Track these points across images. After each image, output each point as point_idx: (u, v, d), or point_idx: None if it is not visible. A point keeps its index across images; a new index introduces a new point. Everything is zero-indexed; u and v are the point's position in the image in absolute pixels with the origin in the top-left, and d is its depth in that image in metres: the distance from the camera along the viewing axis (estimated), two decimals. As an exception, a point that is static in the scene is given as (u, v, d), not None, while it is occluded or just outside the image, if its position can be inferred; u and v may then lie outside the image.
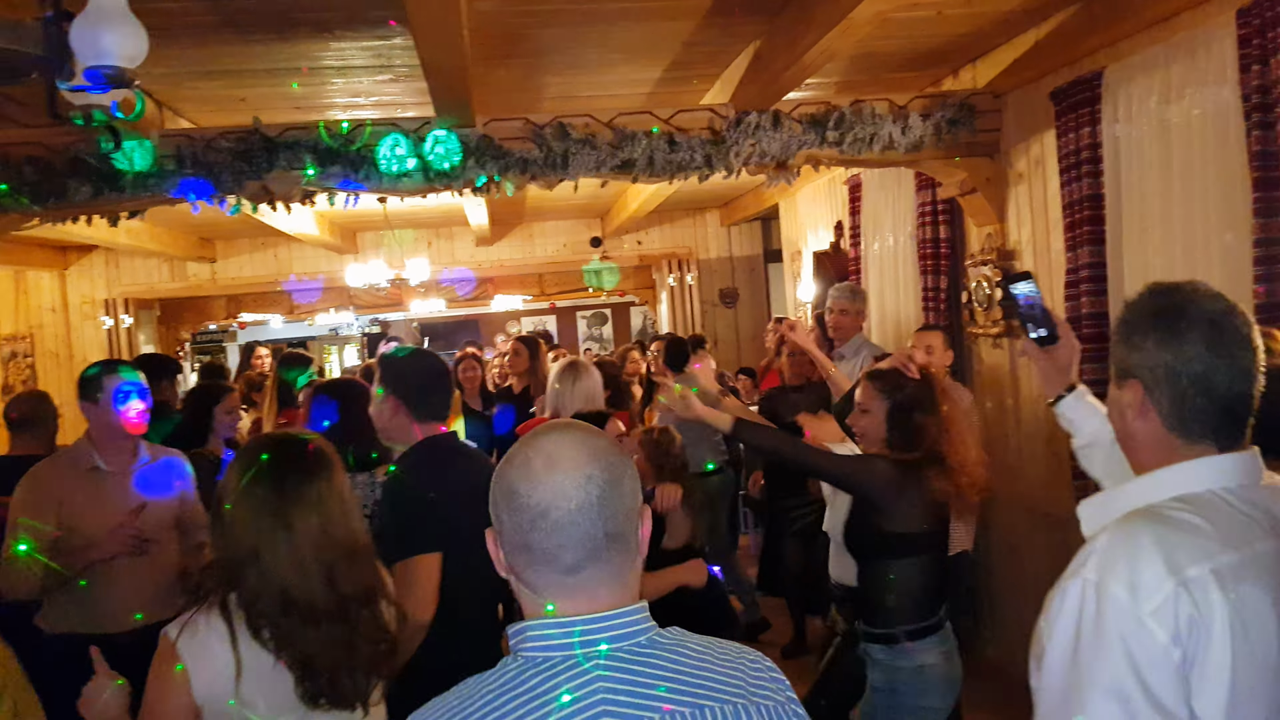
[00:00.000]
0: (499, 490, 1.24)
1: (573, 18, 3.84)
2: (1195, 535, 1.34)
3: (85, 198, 4.10)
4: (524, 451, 1.24)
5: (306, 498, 1.89)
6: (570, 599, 1.20)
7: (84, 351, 8.96)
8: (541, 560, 1.19)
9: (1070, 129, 3.95)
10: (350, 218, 8.54)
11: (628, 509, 1.23)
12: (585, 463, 1.21)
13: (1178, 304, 1.46)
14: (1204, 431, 1.43)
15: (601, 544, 1.20)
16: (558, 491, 1.19)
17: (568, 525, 1.18)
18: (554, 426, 1.29)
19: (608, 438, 1.29)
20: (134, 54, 1.68)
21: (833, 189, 7.18)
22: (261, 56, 3.97)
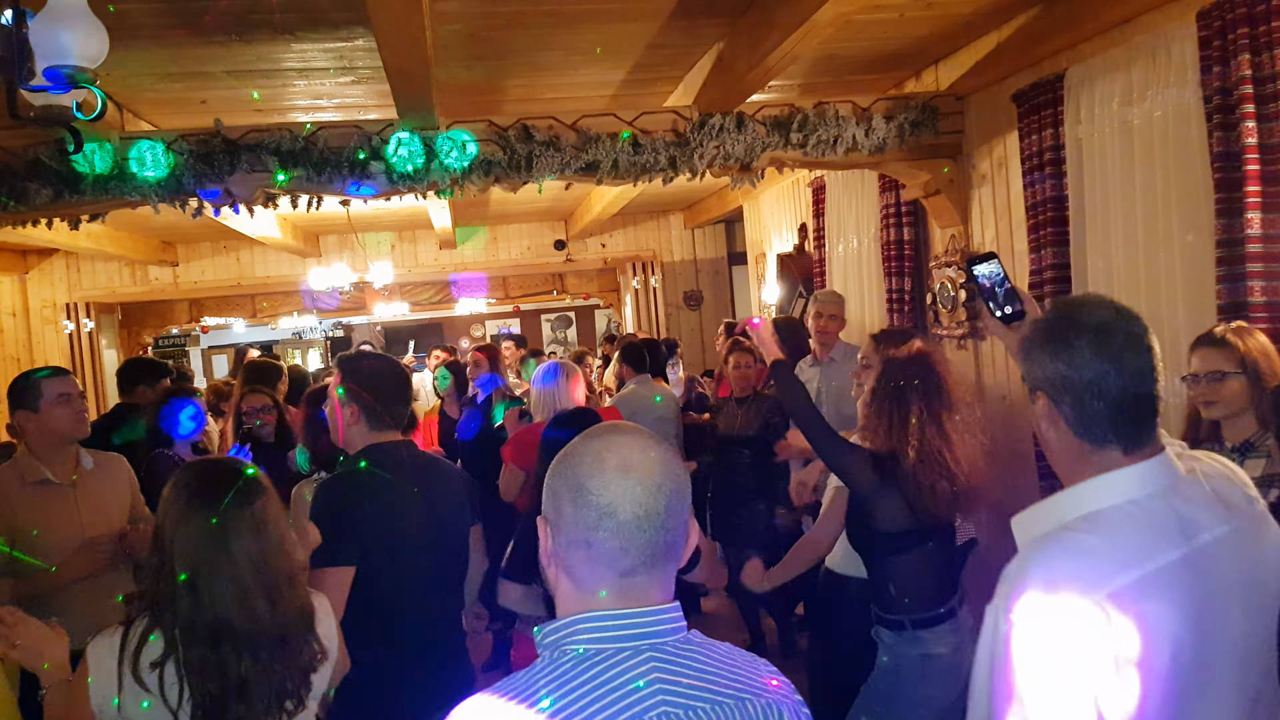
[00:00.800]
0: (563, 482, 1.26)
1: (535, 19, 3.83)
2: (1097, 560, 1.38)
3: (45, 201, 4.03)
4: (596, 449, 1.26)
5: (244, 523, 1.86)
6: (621, 598, 1.23)
7: (45, 356, 8.83)
8: (601, 558, 1.22)
9: (1033, 130, 4.00)
10: (313, 221, 8.46)
11: (684, 520, 1.27)
12: (658, 471, 1.25)
13: (1068, 315, 1.53)
14: (1106, 435, 1.48)
15: (660, 552, 1.24)
16: (629, 496, 1.22)
17: (634, 530, 1.22)
18: (623, 429, 1.32)
19: (671, 448, 1.31)
20: (94, 53, 1.64)
21: (797, 191, 7.22)
22: (222, 58, 3.91)
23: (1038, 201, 3.99)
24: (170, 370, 5.61)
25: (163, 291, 9.64)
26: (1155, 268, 3.46)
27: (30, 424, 3.24)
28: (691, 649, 1.24)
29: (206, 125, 4.22)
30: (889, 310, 5.32)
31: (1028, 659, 1.34)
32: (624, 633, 1.20)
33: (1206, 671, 1.40)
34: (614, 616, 1.21)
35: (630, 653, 1.19)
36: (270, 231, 7.57)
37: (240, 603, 1.82)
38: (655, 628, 1.22)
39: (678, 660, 1.21)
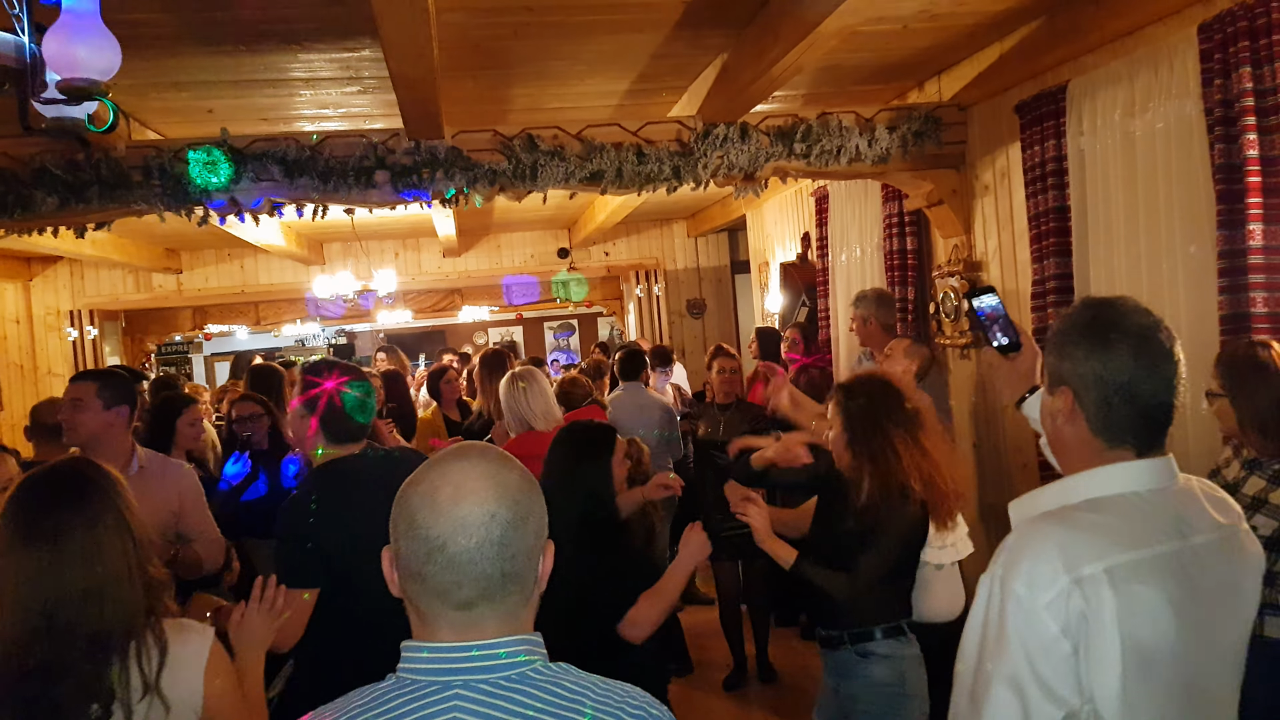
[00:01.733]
0: (399, 513, 1.23)
1: (540, 30, 3.85)
2: (1096, 536, 1.43)
3: (52, 209, 4.05)
4: (430, 478, 1.22)
5: (40, 532, 1.72)
6: (457, 632, 1.20)
7: (49, 363, 8.86)
8: (434, 593, 1.19)
9: (1035, 141, 4.02)
10: (317, 228, 8.48)
11: (529, 548, 1.23)
12: (491, 499, 1.20)
13: (1109, 317, 1.55)
14: (1125, 436, 1.52)
15: (497, 583, 1.20)
16: (459, 527, 1.18)
17: (465, 563, 1.18)
18: (466, 453, 1.26)
19: (521, 471, 1.27)
20: (107, 66, 1.66)
21: (800, 200, 7.23)
22: (229, 68, 3.93)
23: (1040, 212, 4.01)
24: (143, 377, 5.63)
25: (166, 299, 9.67)
26: (1157, 278, 3.46)
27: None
28: (520, 688, 1.18)
29: (212, 134, 4.25)
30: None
31: (1021, 623, 1.39)
32: (436, 666, 1.18)
33: (1187, 665, 1.44)
34: (435, 649, 1.19)
35: (438, 688, 1.17)
36: (274, 239, 7.59)
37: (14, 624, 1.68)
38: (475, 664, 1.18)
39: (489, 698, 1.16)
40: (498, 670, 1.18)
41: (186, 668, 1.77)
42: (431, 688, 1.16)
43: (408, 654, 1.21)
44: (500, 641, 1.19)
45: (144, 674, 1.72)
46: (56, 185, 4.04)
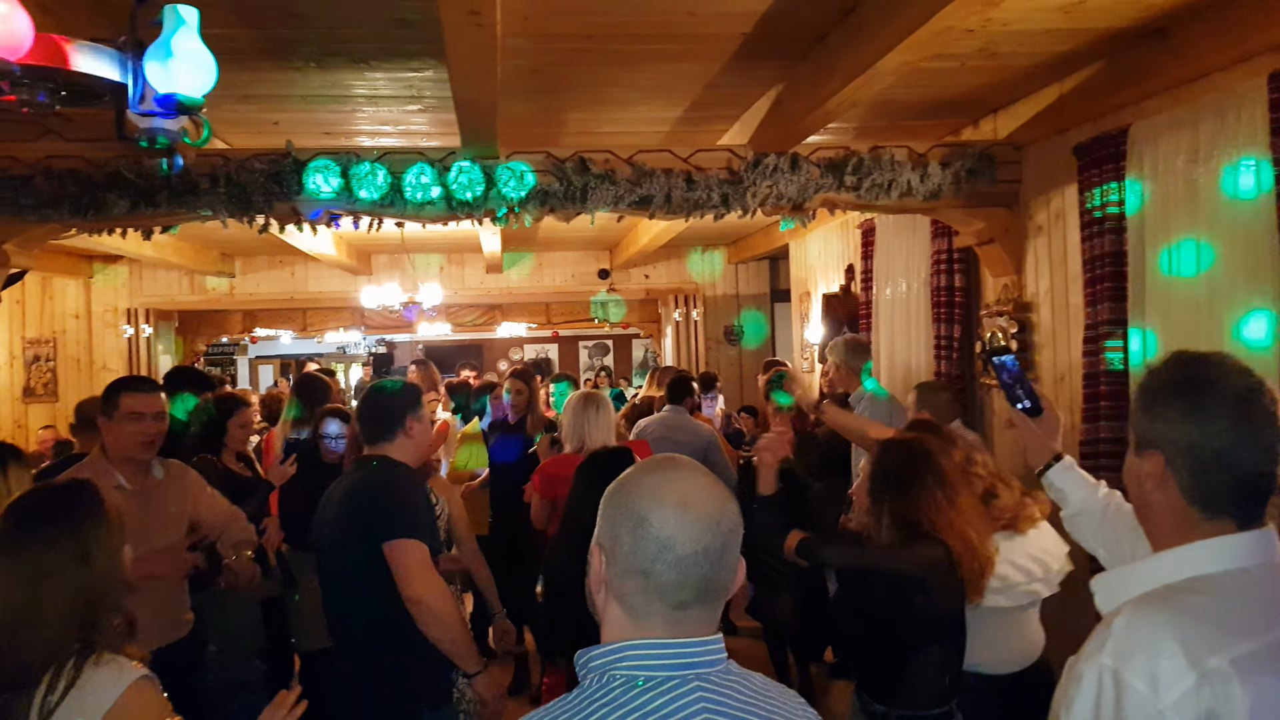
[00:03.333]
0: (622, 513, 1.28)
1: (599, 57, 3.91)
2: (1212, 623, 1.31)
3: (123, 211, 4.19)
4: (655, 482, 1.29)
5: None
6: (669, 628, 1.26)
7: (104, 358, 9.08)
8: (656, 590, 1.25)
9: (1093, 184, 4.00)
10: (366, 240, 8.60)
11: (735, 559, 1.30)
12: (717, 509, 1.28)
13: (1205, 376, 1.43)
14: (1224, 507, 1.39)
15: (712, 588, 1.27)
16: (689, 531, 1.25)
17: (690, 565, 1.24)
18: (678, 463, 1.34)
19: (727, 488, 1.33)
20: (204, 82, 1.73)
21: (845, 232, 7.24)
22: (298, 83, 4.03)
23: (1096, 255, 3.98)
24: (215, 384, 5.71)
25: (219, 301, 9.87)
26: (1216, 330, 3.42)
27: (105, 431, 3.33)
28: (733, 679, 1.26)
29: (277, 146, 4.36)
30: (936, 357, 5.31)
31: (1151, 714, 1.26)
32: (673, 662, 1.23)
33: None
34: (664, 645, 1.24)
35: (678, 681, 1.22)
36: (325, 248, 7.73)
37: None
38: (702, 658, 1.25)
39: (721, 690, 1.24)
40: (717, 665, 1.26)
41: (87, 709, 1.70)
42: (673, 681, 1.21)
43: (633, 652, 1.23)
44: (710, 639, 1.27)
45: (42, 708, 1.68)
46: (128, 189, 4.18)
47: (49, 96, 1.78)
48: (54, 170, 4.20)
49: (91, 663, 1.72)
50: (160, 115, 1.75)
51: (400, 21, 3.33)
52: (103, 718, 1.69)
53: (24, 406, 8.89)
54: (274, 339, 14.52)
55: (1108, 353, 3.90)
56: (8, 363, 8.81)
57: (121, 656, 1.78)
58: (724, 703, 1.23)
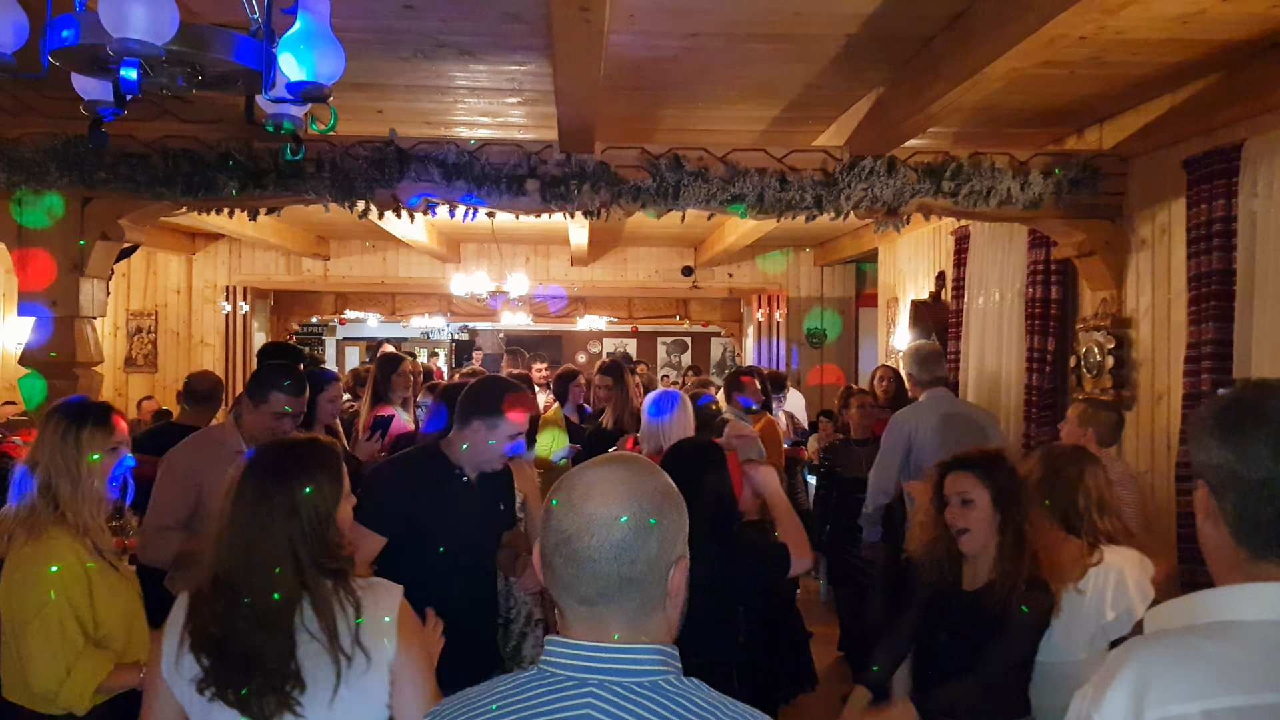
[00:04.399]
0: (544, 509, 1.31)
1: (703, 56, 3.92)
2: (1207, 670, 1.22)
3: (232, 192, 4.37)
4: (572, 476, 1.30)
5: (272, 496, 1.90)
6: (586, 627, 1.26)
7: (202, 333, 9.45)
8: (561, 584, 1.26)
9: (1203, 199, 3.88)
10: (457, 228, 8.78)
11: (652, 558, 1.25)
12: (620, 503, 1.24)
13: (1250, 401, 1.33)
14: (1269, 545, 1.27)
15: (615, 585, 1.24)
16: (583, 525, 1.23)
17: (585, 559, 1.23)
18: (610, 459, 1.34)
19: (663, 484, 1.30)
20: (333, 72, 1.80)
21: (937, 238, 7.13)
22: (404, 73, 4.14)
23: (1202, 273, 3.86)
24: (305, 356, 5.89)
25: (313, 283, 10.18)
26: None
27: (247, 411, 3.48)
28: (653, 696, 1.20)
29: (381, 133, 4.48)
30: (1028, 370, 5.20)
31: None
32: (574, 662, 1.23)
33: None
34: (573, 645, 1.24)
35: (575, 684, 1.21)
36: (417, 235, 7.90)
37: (238, 567, 1.84)
38: (609, 664, 1.21)
39: (623, 703, 1.19)
40: (630, 675, 1.21)
41: (380, 622, 1.90)
42: (569, 683, 1.21)
43: (550, 647, 1.26)
44: (634, 647, 1.23)
45: (346, 629, 1.86)
46: (238, 171, 4.34)
47: (186, 80, 1.87)
48: (169, 149, 4.39)
49: (359, 586, 1.92)
50: (289, 102, 1.83)
51: (510, 15, 3.40)
52: (396, 618, 1.92)
53: (125, 376, 9.29)
54: (361, 321, 14.89)
55: (1210, 373, 3.78)
56: (111, 333, 9.20)
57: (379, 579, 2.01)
58: (613, 714, 1.18)
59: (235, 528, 1.87)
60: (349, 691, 1.84)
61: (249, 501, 1.88)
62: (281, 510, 1.88)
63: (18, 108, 4.41)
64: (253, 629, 1.81)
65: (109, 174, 4.37)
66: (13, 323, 8.04)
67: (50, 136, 4.39)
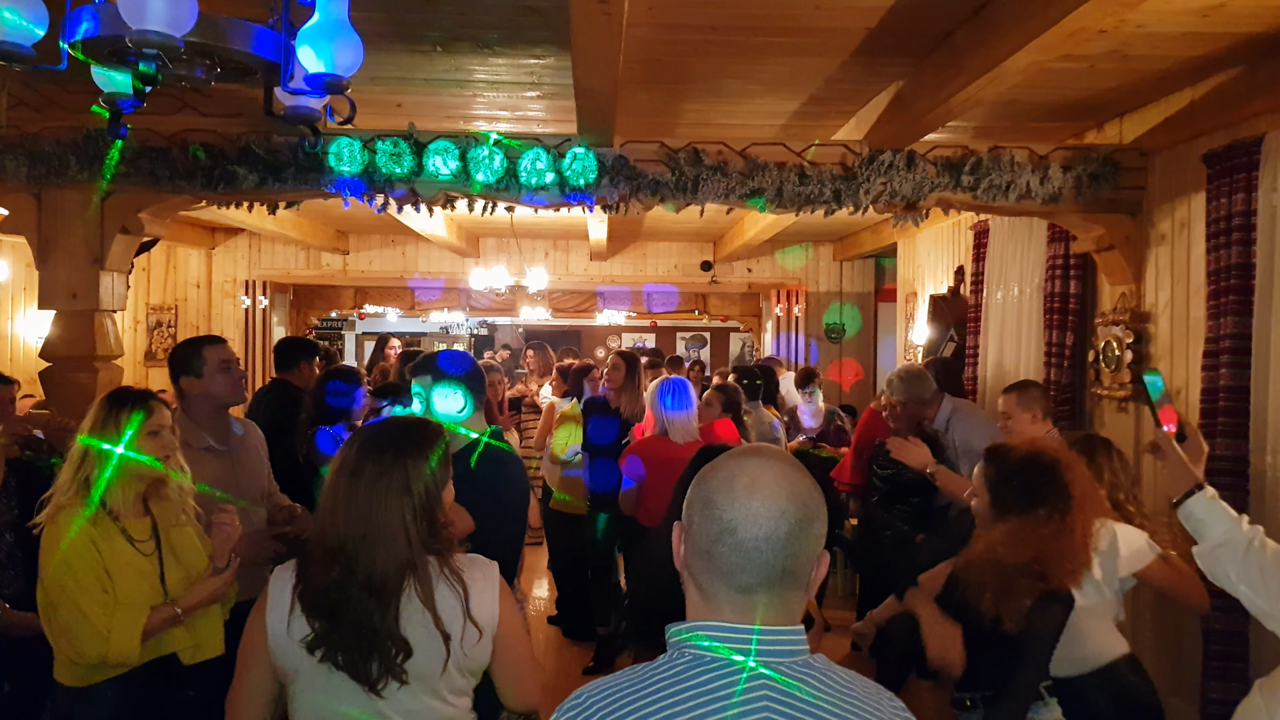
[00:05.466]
0: (697, 494, 1.32)
1: (721, 49, 3.92)
2: None
3: (251, 186, 4.39)
4: (730, 466, 1.31)
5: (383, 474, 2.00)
6: (736, 612, 1.27)
7: (221, 326, 9.52)
8: (719, 572, 1.28)
9: (1223, 194, 3.85)
10: (476, 223, 8.81)
11: (809, 551, 1.30)
12: (784, 497, 1.28)
13: None
14: None
15: (778, 575, 1.27)
16: (751, 516, 1.26)
17: (751, 550, 1.26)
18: (762, 452, 1.36)
19: (811, 481, 1.34)
20: (351, 64, 1.82)
21: (956, 232, 7.10)
22: (423, 67, 4.15)
23: (1221, 267, 3.83)
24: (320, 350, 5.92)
25: (332, 277, 10.22)
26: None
27: (194, 389, 3.44)
28: (810, 673, 1.26)
29: (400, 127, 4.50)
30: (1047, 364, 5.17)
31: None
32: (739, 645, 1.25)
33: None
34: (730, 629, 1.26)
35: (739, 665, 1.24)
36: (437, 230, 7.93)
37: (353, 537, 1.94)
38: (768, 646, 1.25)
39: (792, 680, 1.24)
40: (786, 655, 1.26)
41: (485, 595, 2.02)
42: (732, 667, 1.23)
43: (702, 630, 1.27)
44: (789, 629, 1.28)
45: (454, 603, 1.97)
46: (257, 164, 4.37)
47: (205, 72, 1.89)
48: (189, 143, 4.42)
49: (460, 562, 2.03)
50: (308, 94, 1.84)
51: (528, 9, 3.41)
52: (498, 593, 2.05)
53: (144, 369, 9.36)
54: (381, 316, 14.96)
55: (1229, 368, 3.75)
56: (131, 327, 9.27)
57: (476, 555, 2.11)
58: (789, 694, 1.23)
59: (351, 501, 1.96)
60: (455, 663, 1.96)
61: (367, 477, 1.97)
62: (398, 486, 1.97)
63: (39, 101, 4.46)
64: (364, 597, 1.90)
65: (129, 167, 4.41)
66: (33, 316, 8.12)
67: (71, 130, 4.43)
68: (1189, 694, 3.95)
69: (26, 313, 8.32)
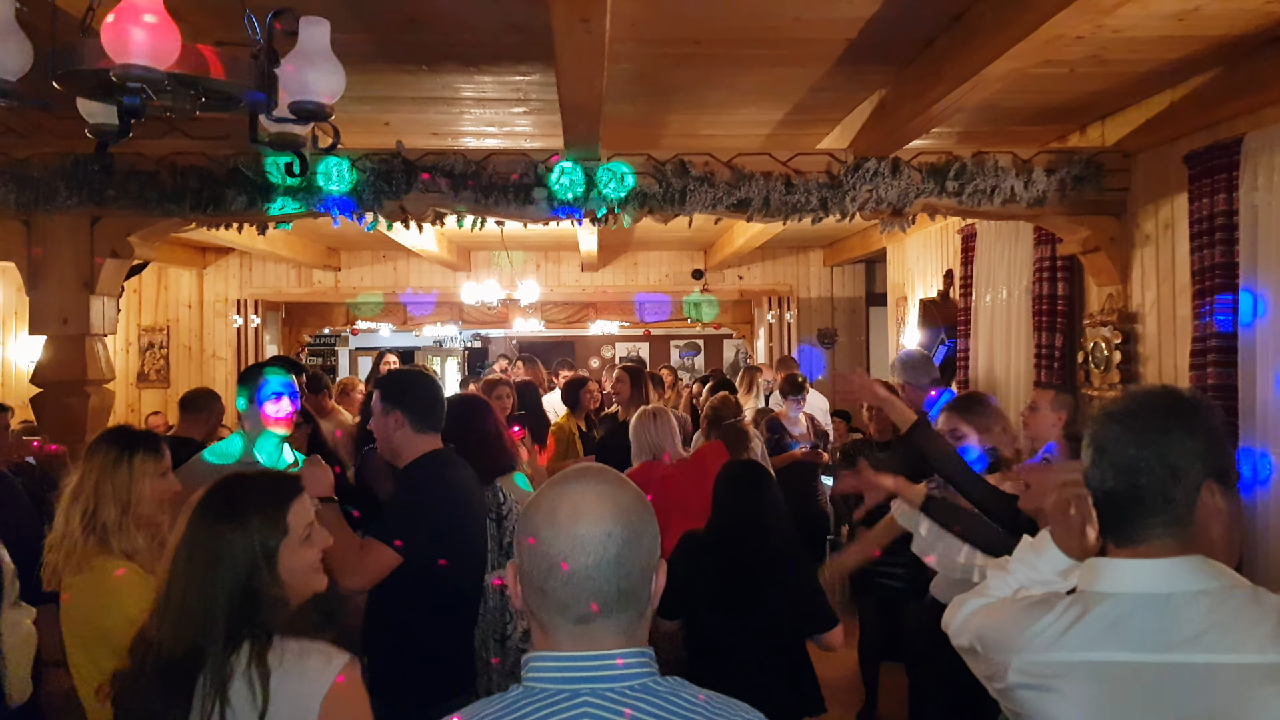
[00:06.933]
0: (522, 530, 1.28)
1: (704, 61, 3.95)
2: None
3: (240, 207, 4.41)
4: (550, 497, 1.28)
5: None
6: (576, 643, 1.25)
7: (214, 346, 9.52)
8: (555, 607, 1.24)
9: (1204, 194, 3.89)
10: (467, 237, 8.83)
11: (643, 566, 1.27)
12: (608, 519, 1.25)
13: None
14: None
15: (614, 599, 1.24)
16: (577, 545, 1.23)
17: (583, 579, 1.23)
18: (583, 474, 1.32)
19: (636, 492, 1.31)
20: (333, 91, 1.84)
21: (944, 237, 7.13)
22: (410, 85, 4.18)
23: (1205, 267, 3.87)
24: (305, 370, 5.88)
25: (324, 294, 10.23)
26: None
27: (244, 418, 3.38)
28: (644, 697, 1.22)
29: (388, 145, 4.52)
30: (1036, 366, 5.21)
31: None
32: (565, 674, 1.22)
33: None
34: (560, 658, 1.23)
35: (567, 695, 1.21)
36: (428, 244, 7.95)
37: (154, 617, 1.72)
38: (599, 672, 1.22)
39: (618, 705, 1.21)
40: (621, 680, 1.22)
41: (292, 710, 1.66)
42: (561, 695, 1.21)
43: (535, 663, 1.25)
44: (620, 652, 1.24)
45: (251, 713, 1.64)
46: (246, 185, 4.40)
47: (190, 103, 1.91)
48: (178, 166, 4.44)
49: (288, 656, 1.70)
50: (292, 122, 1.86)
51: (513, 26, 3.44)
52: (321, 702, 1.68)
53: (137, 391, 9.33)
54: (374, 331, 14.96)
55: (1215, 366, 3.78)
56: (124, 349, 9.25)
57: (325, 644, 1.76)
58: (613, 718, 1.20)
59: (173, 572, 1.72)
60: None
61: (184, 542, 1.74)
62: (207, 555, 1.71)
63: (26, 128, 4.47)
64: (151, 687, 1.65)
65: (118, 192, 4.43)
66: (24, 340, 8.11)
67: (59, 156, 4.44)
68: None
69: (18, 337, 8.31)
